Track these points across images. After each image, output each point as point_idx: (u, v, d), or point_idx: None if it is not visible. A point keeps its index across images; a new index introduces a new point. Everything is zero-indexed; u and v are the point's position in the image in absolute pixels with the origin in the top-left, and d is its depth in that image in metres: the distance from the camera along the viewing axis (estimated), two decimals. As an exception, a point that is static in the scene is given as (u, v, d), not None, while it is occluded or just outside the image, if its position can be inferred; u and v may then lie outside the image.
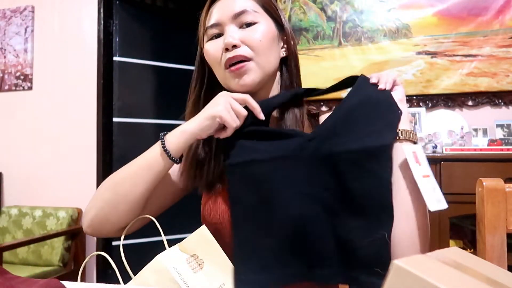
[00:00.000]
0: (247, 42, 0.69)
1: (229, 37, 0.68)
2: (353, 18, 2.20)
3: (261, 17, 0.71)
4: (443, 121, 2.01)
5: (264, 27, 0.71)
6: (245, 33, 0.69)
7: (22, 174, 2.67)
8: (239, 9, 0.69)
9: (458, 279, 0.36)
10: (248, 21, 0.69)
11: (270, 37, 0.71)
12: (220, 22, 0.70)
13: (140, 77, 2.71)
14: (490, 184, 0.65)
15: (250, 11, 0.69)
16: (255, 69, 0.69)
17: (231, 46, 0.68)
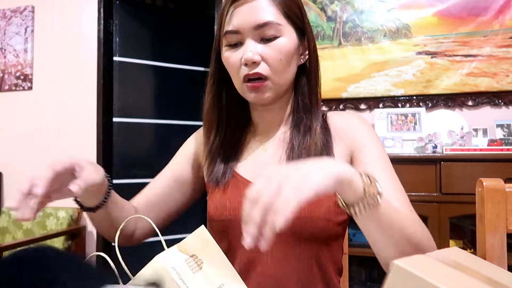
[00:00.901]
0: (267, 60, 0.67)
1: (249, 52, 0.66)
2: (353, 18, 2.20)
3: (283, 29, 0.67)
4: (443, 121, 2.01)
5: (286, 41, 0.67)
6: (265, 49, 0.67)
7: (22, 174, 2.67)
8: (262, 21, 0.65)
9: (458, 279, 0.36)
10: (270, 35, 0.66)
11: (291, 52, 0.69)
12: (241, 30, 0.67)
13: (140, 77, 2.71)
14: (490, 184, 0.65)
15: (273, 24, 0.66)
16: (272, 87, 0.69)
17: (251, 63, 0.66)
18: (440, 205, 1.69)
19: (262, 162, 0.75)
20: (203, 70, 2.90)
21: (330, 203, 0.68)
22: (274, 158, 0.74)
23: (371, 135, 0.72)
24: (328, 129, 0.74)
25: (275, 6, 0.67)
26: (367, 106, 2.19)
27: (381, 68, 2.15)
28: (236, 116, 0.78)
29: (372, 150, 0.70)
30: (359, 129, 0.73)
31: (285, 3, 0.68)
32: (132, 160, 2.60)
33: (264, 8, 0.66)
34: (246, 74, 0.67)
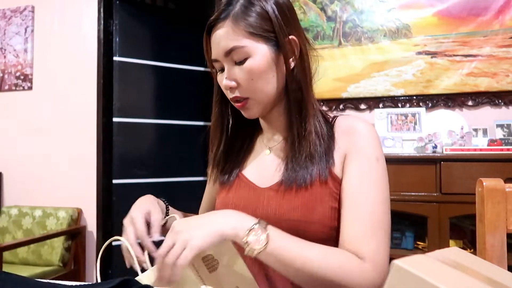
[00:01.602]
0: (240, 83, 0.70)
1: (225, 79, 0.70)
2: (353, 18, 2.20)
3: (251, 48, 0.68)
4: (443, 121, 2.01)
5: (255, 61, 0.68)
6: (239, 72, 0.69)
7: (22, 174, 2.67)
8: (227, 48, 0.68)
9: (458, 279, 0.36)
10: (239, 59, 0.68)
11: (264, 69, 0.69)
12: (217, 58, 0.71)
13: (140, 77, 2.71)
14: (490, 184, 0.65)
15: (237, 47, 0.67)
16: (254, 104, 0.72)
17: (229, 88, 0.71)
18: (440, 205, 1.69)
19: (265, 165, 0.78)
20: (203, 70, 2.90)
21: (325, 208, 0.68)
22: (276, 161, 0.76)
23: (368, 145, 0.70)
24: (333, 133, 0.73)
25: (238, 29, 0.67)
26: (367, 106, 2.19)
27: (381, 68, 2.15)
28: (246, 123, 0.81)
29: (359, 160, 0.69)
30: (359, 135, 0.71)
31: (248, 23, 0.67)
32: (132, 160, 2.60)
33: (227, 35, 0.68)
34: (230, 98, 0.73)
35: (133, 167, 2.62)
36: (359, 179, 0.67)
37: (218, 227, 0.58)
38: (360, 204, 0.65)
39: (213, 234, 0.57)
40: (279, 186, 0.71)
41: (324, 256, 0.59)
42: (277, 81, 0.71)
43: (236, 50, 0.68)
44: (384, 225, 0.64)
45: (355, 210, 0.65)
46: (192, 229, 0.57)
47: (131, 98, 2.66)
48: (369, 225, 0.63)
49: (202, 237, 0.56)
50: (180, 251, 0.55)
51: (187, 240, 0.55)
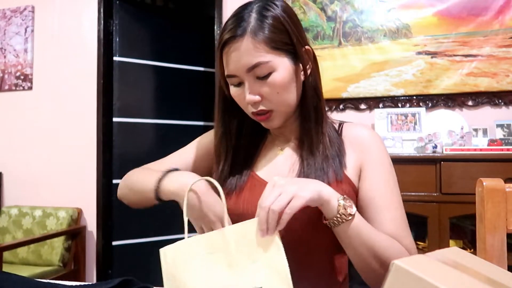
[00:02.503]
0: (266, 97, 0.70)
1: (249, 95, 0.70)
2: (353, 18, 2.20)
3: (274, 64, 0.68)
4: (443, 121, 2.01)
5: (279, 74, 0.69)
6: (262, 87, 0.69)
7: (22, 174, 2.67)
8: (250, 64, 0.67)
9: (458, 279, 0.36)
10: (263, 74, 0.68)
11: (287, 81, 0.70)
12: (237, 74, 0.70)
13: (140, 77, 2.70)
14: (490, 184, 0.65)
15: (262, 63, 0.67)
16: (278, 115, 0.73)
17: (253, 103, 0.71)
18: (440, 205, 1.69)
19: (277, 164, 0.78)
20: (203, 70, 2.90)
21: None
22: (289, 161, 0.76)
23: (381, 152, 0.75)
24: (341, 140, 0.76)
25: (260, 44, 0.67)
26: (367, 106, 2.19)
27: (381, 68, 2.15)
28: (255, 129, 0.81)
29: (378, 168, 0.73)
30: (371, 144, 0.75)
31: (269, 38, 0.67)
32: (132, 160, 2.59)
33: (249, 51, 0.67)
34: (252, 112, 0.72)
35: (133, 167, 2.60)
36: (384, 184, 0.72)
37: (318, 187, 0.61)
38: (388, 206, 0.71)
39: (316, 192, 0.60)
40: None
41: (389, 241, 0.66)
42: (297, 90, 0.73)
43: (260, 66, 0.68)
44: (407, 222, 0.72)
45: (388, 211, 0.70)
46: (297, 184, 0.60)
47: (131, 98, 2.66)
48: (403, 223, 0.70)
49: (310, 192, 0.59)
50: (287, 200, 0.57)
51: (294, 192, 0.58)
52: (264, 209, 0.57)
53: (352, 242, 0.63)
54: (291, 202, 0.57)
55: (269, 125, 0.74)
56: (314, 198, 0.59)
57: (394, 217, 0.70)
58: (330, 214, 0.62)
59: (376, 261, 0.63)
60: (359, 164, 0.74)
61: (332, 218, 0.62)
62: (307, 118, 0.75)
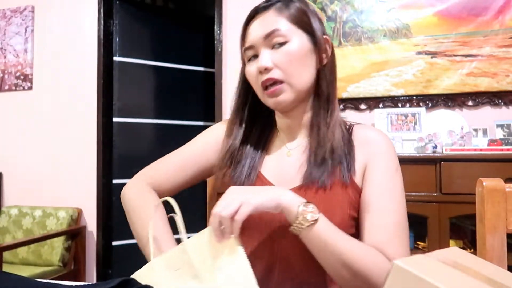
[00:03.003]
0: (278, 65, 0.70)
1: (261, 60, 0.71)
2: (353, 18, 2.20)
3: (292, 34, 0.71)
4: (443, 121, 2.01)
5: (296, 45, 0.71)
6: (276, 54, 0.71)
7: (22, 174, 2.67)
8: (269, 29, 0.70)
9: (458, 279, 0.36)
10: (279, 42, 0.70)
11: (302, 55, 0.71)
12: (254, 44, 0.72)
13: (140, 77, 2.71)
14: (490, 184, 0.65)
15: (281, 30, 0.70)
16: (288, 89, 0.72)
17: (263, 69, 0.71)
18: (440, 205, 1.69)
19: (285, 167, 0.77)
20: (203, 70, 2.90)
21: (344, 215, 0.69)
22: (296, 164, 0.75)
23: (388, 156, 0.73)
24: (352, 141, 0.75)
25: (283, 16, 0.72)
26: (367, 106, 2.19)
27: (381, 68, 2.15)
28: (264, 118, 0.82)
29: (381, 172, 0.71)
30: (379, 148, 0.73)
31: (292, 14, 0.72)
32: (132, 160, 2.60)
33: (271, 19, 0.71)
34: (262, 81, 0.72)
35: (133, 167, 2.60)
36: (382, 190, 0.70)
37: (275, 195, 0.61)
38: (384, 213, 0.68)
39: (270, 199, 0.60)
40: (299, 190, 0.71)
41: (363, 250, 0.63)
42: (310, 72, 0.74)
43: (277, 33, 0.70)
44: (406, 230, 0.69)
45: (379, 217, 0.68)
46: (249, 193, 0.61)
47: (131, 98, 2.66)
48: (394, 230, 0.67)
49: (261, 198, 0.60)
50: (236, 207, 0.58)
51: (244, 199, 0.59)
52: (215, 216, 0.58)
53: (317, 249, 0.62)
54: (240, 209, 0.58)
55: (279, 100, 0.72)
56: (266, 205, 0.60)
57: (385, 224, 0.67)
58: (291, 220, 0.61)
59: (347, 270, 0.61)
60: (364, 165, 0.73)
61: (292, 224, 0.61)
62: (317, 108, 0.75)
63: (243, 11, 2.79)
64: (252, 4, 0.78)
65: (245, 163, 0.78)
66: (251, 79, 0.75)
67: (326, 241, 0.61)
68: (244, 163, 0.78)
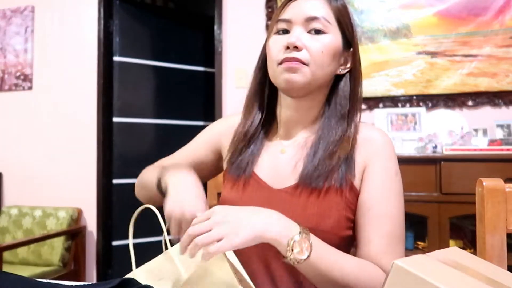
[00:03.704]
0: (309, 49, 0.69)
1: (294, 37, 0.68)
2: (353, 18, 2.20)
3: (331, 28, 0.71)
4: (443, 121, 2.01)
5: (331, 40, 0.70)
6: (311, 39, 0.69)
7: (22, 174, 2.67)
8: (313, 14, 0.70)
9: (458, 279, 0.36)
10: (318, 29, 0.70)
11: (333, 52, 0.71)
12: (292, 20, 0.71)
13: (140, 77, 2.71)
14: (490, 184, 0.65)
15: (323, 19, 0.70)
16: (307, 74, 0.69)
17: (293, 47, 0.68)
18: (440, 205, 1.69)
19: (279, 164, 0.75)
20: (203, 70, 2.90)
21: (340, 217, 0.68)
22: (291, 162, 0.73)
23: (388, 159, 0.71)
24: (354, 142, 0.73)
25: (330, 8, 0.71)
26: (367, 106, 2.19)
27: (381, 68, 2.15)
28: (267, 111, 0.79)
29: (380, 176, 0.70)
30: (379, 149, 0.72)
31: (339, 9, 0.72)
32: (132, 160, 2.60)
33: (318, 5, 0.71)
34: (285, 57, 0.69)
35: (133, 167, 2.60)
36: (379, 193, 0.68)
37: (261, 229, 0.56)
38: (380, 220, 0.67)
39: (253, 235, 0.55)
40: (294, 190, 0.70)
41: (360, 269, 0.62)
42: (330, 72, 0.72)
43: (319, 21, 0.70)
44: (402, 238, 0.68)
45: (376, 225, 0.67)
46: (234, 224, 0.55)
47: (131, 98, 2.66)
48: (389, 241, 0.66)
49: (244, 236, 0.54)
50: (215, 239, 0.53)
51: (227, 234, 0.54)
52: (188, 237, 0.55)
53: (314, 279, 0.60)
54: (220, 242, 0.53)
55: (293, 79, 0.68)
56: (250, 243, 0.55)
57: (381, 234, 0.66)
58: (283, 252, 0.57)
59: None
60: (364, 166, 0.71)
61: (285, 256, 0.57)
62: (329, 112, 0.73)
63: (243, 11, 2.79)
64: (252, 4, 0.78)
65: (243, 157, 0.77)
66: (272, 51, 0.71)
67: (322, 270, 0.59)
68: (243, 157, 0.77)
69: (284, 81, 0.69)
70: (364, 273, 0.61)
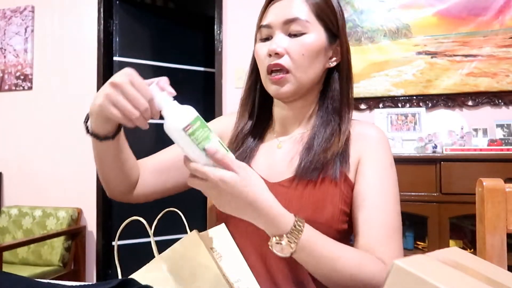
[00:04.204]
0: (290, 53, 0.69)
1: (274, 44, 0.70)
2: (353, 18, 2.20)
3: (312, 27, 0.70)
4: (443, 121, 2.01)
5: (312, 40, 0.70)
6: (291, 43, 0.70)
7: (22, 174, 2.67)
8: (291, 16, 0.69)
9: (458, 279, 0.36)
10: (297, 31, 0.70)
11: (316, 50, 0.71)
12: (271, 25, 0.71)
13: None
14: (490, 184, 0.65)
15: (302, 20, 0.69)
16: (292, 81, 0.70)
17: (274, 54, 0.69)
18: (440, 205, 1.69)
19: (275, 159, 0.76)
20: (203, 70, 2.90)
21: (335, 209, 0.68)
22: (287, 156, 0.74)
23: (383, 153, 0.72)
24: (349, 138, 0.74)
25: (308, 6, 0.71)
26: (367, 106, 2.19)
27: (381, 68, 2.15)
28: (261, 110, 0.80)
29: (376, 168, 0.70)
30: (374, 143, 0.73)
31: (318, 5, 0.71)
32: (132, 160, 2.60)
33: (295, 6, 0.70)
34: (268, 64, 0.70)
35: (133, 167, 2.61)
36: (374, 185, 0.69)
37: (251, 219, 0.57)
38: (377, 210, 0.67)
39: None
40: (291, 182, 0.70)
41: (360, 260, 0.61)
42: (317, 71, 0.73)
43: (298, 22, 0.69)
44: (399, 229, 0.68)
45: (372, 216, 0.67)
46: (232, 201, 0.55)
47: (131, 98, 2.66)
48: (386, 231, 0.66)
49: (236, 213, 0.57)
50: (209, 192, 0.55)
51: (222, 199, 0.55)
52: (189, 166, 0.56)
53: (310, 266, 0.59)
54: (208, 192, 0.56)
55: (281, 90, 0.71)
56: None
57: (377, 224, 0.66)
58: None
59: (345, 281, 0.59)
60: (358, 159, 0.72)
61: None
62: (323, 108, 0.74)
63: (243, 11, 2.79)
64: (252, 4, 0.78)
65: (239, 154, 0.77)
66: (259, 60, 0.74)
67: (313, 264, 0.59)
68: (239, 153, 0.77)
69: (274, 92, 0.72)
70: (364, 264, 0.60)
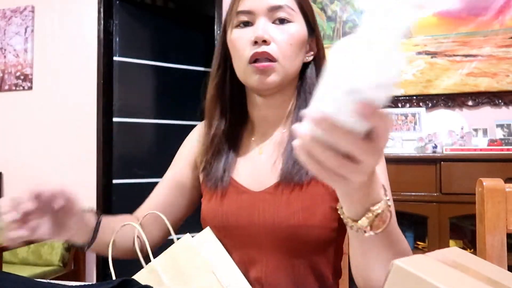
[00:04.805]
0: (277, 42, 0.66)
1: (261, 30, 0.65)
2: (353, 18, 2.20)
3: (296, 16, 0.68)
4: (443, 121, 2.01)
5: (297, 29, 0.68)
6: (277, 31, 0.66)
7: (22, 174, 2.67)
8: (276, 2, 0.66)
9: (458, 279, 0.36)
10: (283, 18, 0.66)
11: (300, 41, 0.68)
12: (253, 11, 0.66)
13: (140, 77, 2.70)
14: (490, 184, 0.65)
15: (287, 7, 0.66)
16: (279, 71, 0.66)
17: (261, 41, 0.64)
18: (440, 205, 1.69)
19: (257, 166, 0.72)
20: (203, 70, 2.90)
21: (326, 209, 0.66)
22: (269, 161, 0.71)
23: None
24: None
25: None
26: (367, 106, 2.19)
27: (381, 68, 2.15)
28: (235, 111, 0.75)
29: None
30: None
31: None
32: (132, 160, 2.60)
33: None
34: (254, 52, 0.65)
35: (133, 167, 2.62)
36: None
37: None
38: None
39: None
40: (276, 188, 0.67)
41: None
42: (299, 63, 0.71)
43: (285, 9, 0.66)
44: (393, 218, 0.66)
45: None
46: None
47: (131, 98, 2.66)
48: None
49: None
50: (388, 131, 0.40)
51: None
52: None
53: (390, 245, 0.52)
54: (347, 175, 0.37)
55: (265, 80, 0.66)
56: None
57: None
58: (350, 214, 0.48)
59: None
60: None
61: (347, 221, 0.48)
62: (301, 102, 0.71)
63: (243, 11, 2.75)
64: (252, 4, 0.77)
65: (218, 165, 0.72)
66: (236, 48, 0.67)
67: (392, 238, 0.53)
68: (217, 164, 0.72)
69: (257, 82, 0.66)
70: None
